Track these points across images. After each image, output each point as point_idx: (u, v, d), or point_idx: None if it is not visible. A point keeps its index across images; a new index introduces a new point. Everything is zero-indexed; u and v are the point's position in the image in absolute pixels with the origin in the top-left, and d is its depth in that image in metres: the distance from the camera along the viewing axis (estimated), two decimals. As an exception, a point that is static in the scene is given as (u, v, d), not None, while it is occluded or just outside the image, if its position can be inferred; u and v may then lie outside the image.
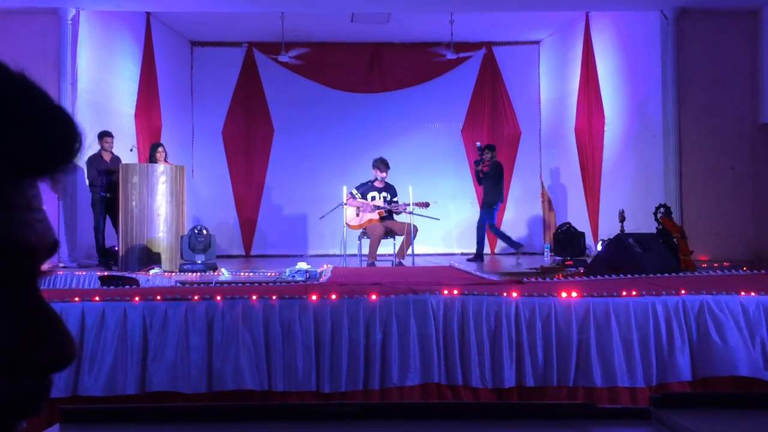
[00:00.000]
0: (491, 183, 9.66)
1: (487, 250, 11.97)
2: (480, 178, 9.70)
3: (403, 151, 10.74)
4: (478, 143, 10.03)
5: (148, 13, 10.31)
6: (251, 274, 6.83)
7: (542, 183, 12.18)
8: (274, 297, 3.76)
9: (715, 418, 1.16)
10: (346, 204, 8.47)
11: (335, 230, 9.59)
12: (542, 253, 10.85)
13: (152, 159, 8.28)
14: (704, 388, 3.75)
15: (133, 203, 7.50)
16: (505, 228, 12.08)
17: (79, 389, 3.59)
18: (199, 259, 7.16)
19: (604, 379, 3.71)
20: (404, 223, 8.47)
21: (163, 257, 7.49)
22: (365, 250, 8.53)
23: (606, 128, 10.09)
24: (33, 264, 0.47)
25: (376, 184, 8.65)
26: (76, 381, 3.60)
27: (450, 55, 11.08)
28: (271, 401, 3.55)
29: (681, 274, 5.42)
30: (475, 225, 10.00)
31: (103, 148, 8.36)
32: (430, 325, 3.72)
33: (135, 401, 3.56)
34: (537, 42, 12.18)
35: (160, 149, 8.42)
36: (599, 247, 8.44)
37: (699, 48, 8.87)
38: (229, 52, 11.98)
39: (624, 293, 3.84)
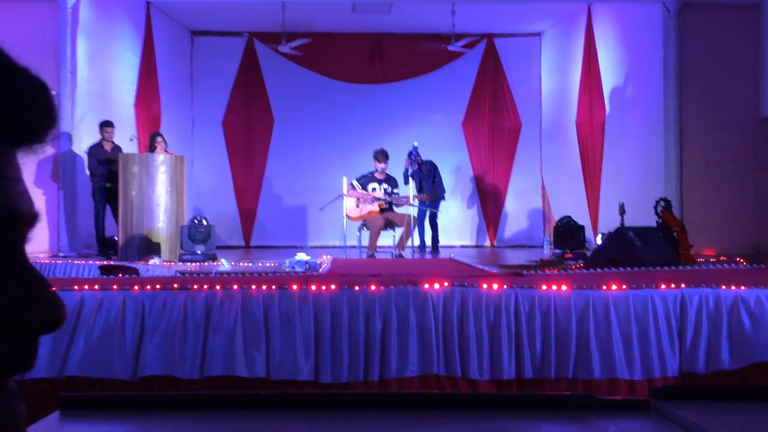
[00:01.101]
0: (429, 180, 9.96)
1: (486, 242, 12.00)
2: (408, 177, 9.48)
3: (403, 142, 10.72)
4: (416, 142, 9.99)
5: (148, 2, 10.27)
6: (251, 264, 6.83)
7: (542, 176, 12.17)
8: (273, 287, 3.76)
9: (715, 410, 1.16)
10: (346, 195, 8.47)
11: (335, 221, 9.58)
12: (542, 246, 10.86)
13: (151, 149, 8.28)
14: (694, 381, 3.76)
15: (133, 193, 7.49)
16: (506, 221, 12.09)
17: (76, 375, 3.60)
18: (199, 249, 7.16)
19: (603, 372, 3.72)
20: (404, 214, 8.47)
21: (163, 247, 7.49)
22: (365, 242, 8.53)
23: (607, 121, 10.07)
24: (23, 232, 0.50)
25: (377, 175, 8.64)
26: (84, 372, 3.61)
27: (451, 47, 11.05)
28: (269, 391, 3.56)
29: (681, 267, 5.42)
30: (427, 220, 10.22)
31: (103, 138, 8.35)
32: (430, 317, 3.72)
33: (134, 389, 3.57)
34: (538, 34, 12.15)
35: (158, 139, 8.41)
36: (599, 241, 8.44)
37: (701, 41, 8.84)
38: (229, 41, 11.94)
39: (624, 286, 3.84)
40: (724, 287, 3.86)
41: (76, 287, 3.75)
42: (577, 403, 1.19)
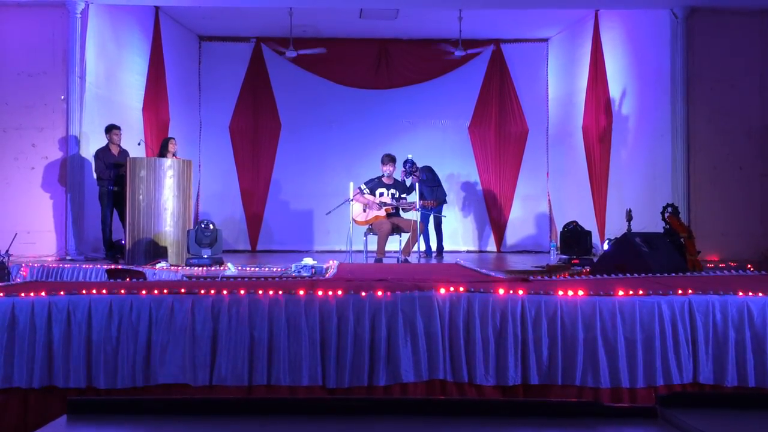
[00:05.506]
0: (431, 186, 10.12)
1: (492, 247, 11.99)
2: (408, 188, 9.26)
3: (410, 147, 10.73)
4: (410, 155, 10.04)
5: (156, 8, 10.32)
6: (257, 269, 6.84)
7: (548, 181, 12.15)
8: (280, 292, 3.77)
9: (721, 418, 1.16)
10: (352, 200, 8.48)
11: (341, 226, 9.59)
12: (548, 252, 10.84)
13: (165, 152, 8.26)
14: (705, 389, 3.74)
15: (141, 197, 7.52)
16: (512, 226, 12.07)
17: (86, 381, 3.61)
18: (206, 253, 7.17)
19: (609, 379, 3.70)
20: (411, 220, 8.47)
21: (170, 251, 7.51)
22: (371, 247, 8.53)
23: (614, 126, 10.05)
24: None
25: (385, 180, 8.65)
26: (82, 373, 3.62)
27: (458, 52, 11.07)
28: (276, 395, 3.56)
29: (688, 274, 5.40)
30: (434, 225, 10.45)
31: (111, 141, 8.38)
32: (436, 322, 3.72)
33: (141, 393, 3.57)
34: (545, 39, 12.15)
35: (172, 141, 8.44)
36: (606, 246, 8.41)
37: (708, 47, 8.83)
38: (237, 47, 12.00)
39: (630, 293, 3.83)
40: (731, 294, 3.85)
41: (84, 291, 3.76)
42: (584, 410, 1.18)
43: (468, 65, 11.99)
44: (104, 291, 3.77)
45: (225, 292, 3.76)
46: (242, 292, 3.76)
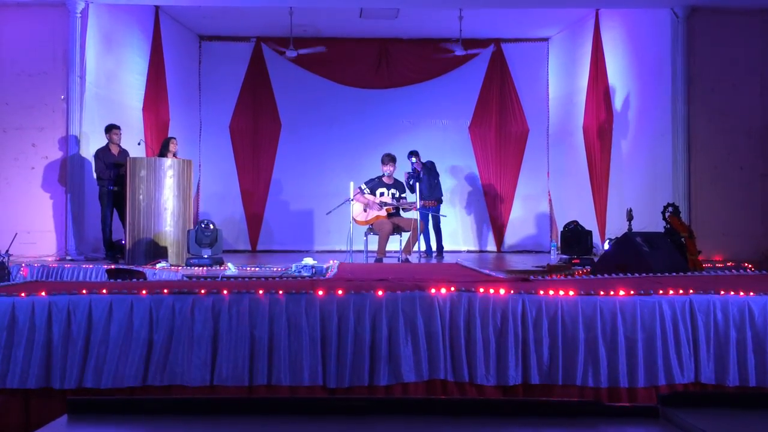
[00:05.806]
0: (431, 181, 10.05)
1: (492, 247, 11.98)
2: (410, 185, 9.35)
3: (410, 147, 10.74)
4: (413, 158, 10.04)
5: (156, 7, 10.31)
6: (257, 269, 6.84)
7: (548, 180, 12.14)
8: (280, 292, 3.76)
9: (723, 417, 1.16)
10: (353, 200, 8.48)
11: (341, 226, 9.59)
12: (549, 252, 10.84)
13: (165, 152, 8.24)
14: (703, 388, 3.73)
15: (141, 197, 7.52)
16: (513, 226, 12.06)
17: (86, 381, 3.61)
18: (206, 253, 7.17)
19: (610, 379, 3.70)
20: (411, 219, 8.47)
21: (170, 251, 7.51)
22: (371, 246, 8.53)
23: (614, 126, 10.05)
24: None
25: (385, 179, 8.65)
26: (82, 373, 3.62)
27: (459, 52, 11.06)
28: (276, 395, 3.55)
29: (689, 273, 5.40)
30: (435, 224, 10.39)
31: (111, 141, 8.38)
32: (437, 322, 3.71)
33: (141, 393, 3.57)
34: (546, 39, 12.14)
35: (173, 141, 8.43)
36: (606, 246, 8.41)
37: (709, 46, 8.82)
38: (237, 46, 12.00)
39: (632, 292, 3.83)
40: (732, 293, 3.84)
41: (84, 291, 3.76)
42: (585, 410, 1.18)
43: (468, 65, 11.99)
44: (104, 291, 3.76)
45: (225, 291, 3.75)
46: (243, 291, 3.76)
